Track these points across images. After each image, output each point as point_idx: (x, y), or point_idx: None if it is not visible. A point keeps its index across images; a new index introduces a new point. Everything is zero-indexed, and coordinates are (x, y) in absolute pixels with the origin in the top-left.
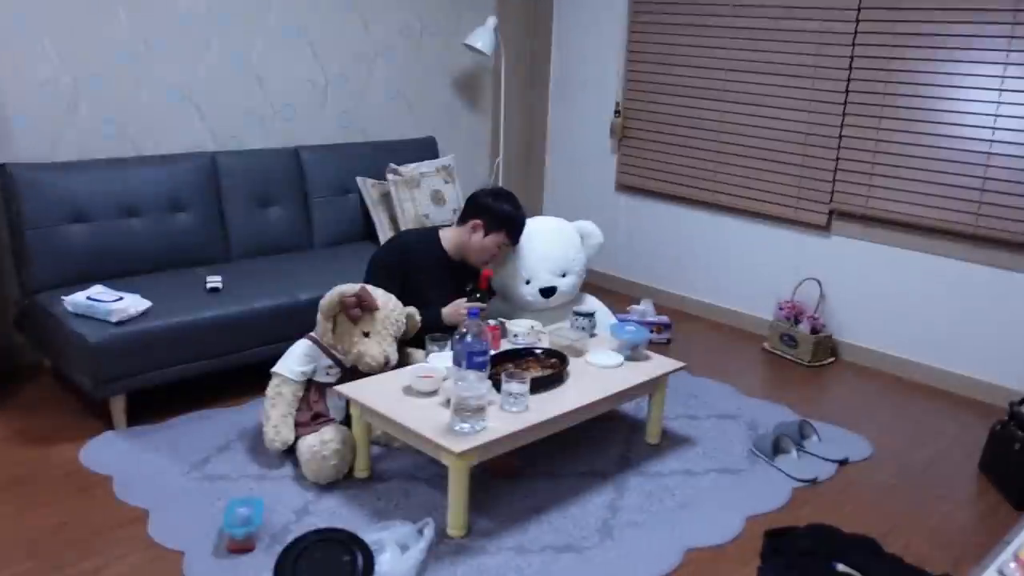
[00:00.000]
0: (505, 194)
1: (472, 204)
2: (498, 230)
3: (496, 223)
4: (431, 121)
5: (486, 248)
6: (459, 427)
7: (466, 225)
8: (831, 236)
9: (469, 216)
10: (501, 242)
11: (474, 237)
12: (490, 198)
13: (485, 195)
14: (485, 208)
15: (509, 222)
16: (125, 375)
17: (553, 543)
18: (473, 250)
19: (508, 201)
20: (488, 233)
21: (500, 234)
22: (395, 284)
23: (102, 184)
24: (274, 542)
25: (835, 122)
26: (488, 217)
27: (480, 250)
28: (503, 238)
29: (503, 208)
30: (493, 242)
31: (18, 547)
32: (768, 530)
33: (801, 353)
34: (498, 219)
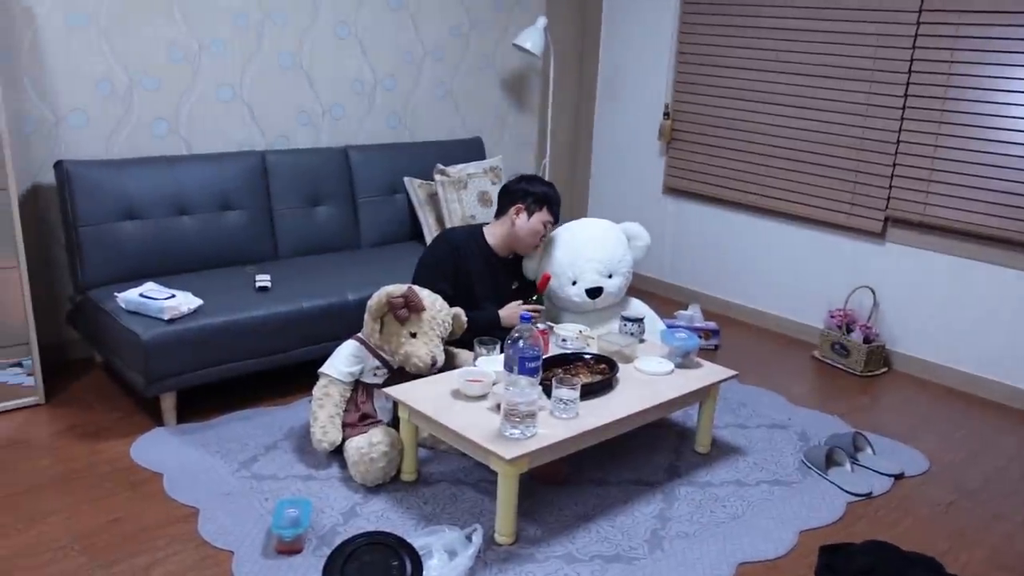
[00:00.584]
0: (533, 177)
1: (506, 193)
2: (540, 207)
3: (536, 201)
4: (478, 121)
5: (533, 230)
6: (509, 433)
7: (507, 215)
8: (886, 243)
9: (507, 205)
10: (545, 219)
11: (518, 222)
12: (523, 183)
13: (516, 182)
14: (521, 192)
15: (548, 198)
16: (176, 373)
17: (602, 552)
18: (521, 236)
19: (540, 182)
20: (531, 214)
21: (543, 211)
22: (447, 283)
23: (154, 182)
24: (322, 544)
25: (893, 126)
26: (527, 199)
27: (529, 233)
28: (546, 215)
29: (538, 187)
30: (538, 220)
31: (72, 542)
32: (823, 545)
33: (852, 363)
34: (536, 197)
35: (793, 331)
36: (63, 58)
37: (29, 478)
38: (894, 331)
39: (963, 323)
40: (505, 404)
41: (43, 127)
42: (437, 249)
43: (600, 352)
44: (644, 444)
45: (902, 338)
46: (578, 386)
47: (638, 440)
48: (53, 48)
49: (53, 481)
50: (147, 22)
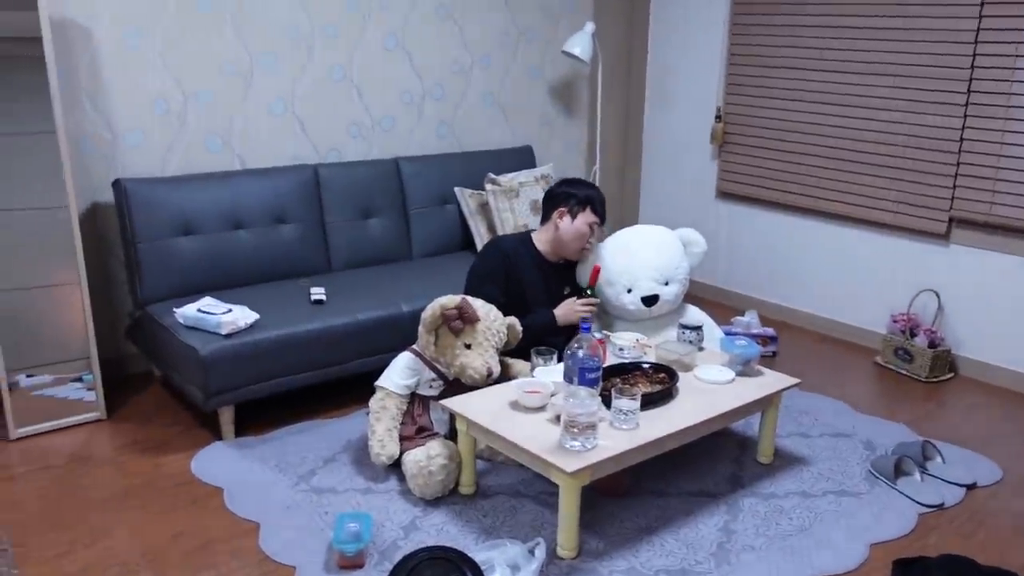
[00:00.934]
0: (575, 178)
1: (549, 198)
2: (583, 208)
3: (579, 202)
4: (527, 129)
5: (579, 232)
6: (570, 444)
7: (551, 219)
8: (950, 245)
9: (550, 210)
10: (590, 220)
11: (563, 225)
12: (564, 186)
13: (557, 186)
14: (563, 195)
15: (591, 199)
16: (234, 387)
17: (667, 567)
18: (568, 239)
19: (582, 183)
20: (575, 216)
21: (586, 211)
22: (500, 290)
23: (210, 197)
24: (383, 559)
25: (956, 124)
26: (569, 201)
27: (575, 236)
28: (590, 215)
29: (579, 188)
30: (583, 222)
31: (137, 557)
32: (897, 559)
33: (917, 368)
34: (579, 199)
35: (854, 337)
36: (120, 77)
37: (93, 493)
38: (960, 335)
39: None
40: (565, 415)
41: (101, 146)
42: (487, 256)
43: (659, 361)
44: (705, 454)
45: (968, 342)
46: (638, 396)
47: (698, 450)
48: (110, 67)
49: (116, 496)
50: (201, 39)
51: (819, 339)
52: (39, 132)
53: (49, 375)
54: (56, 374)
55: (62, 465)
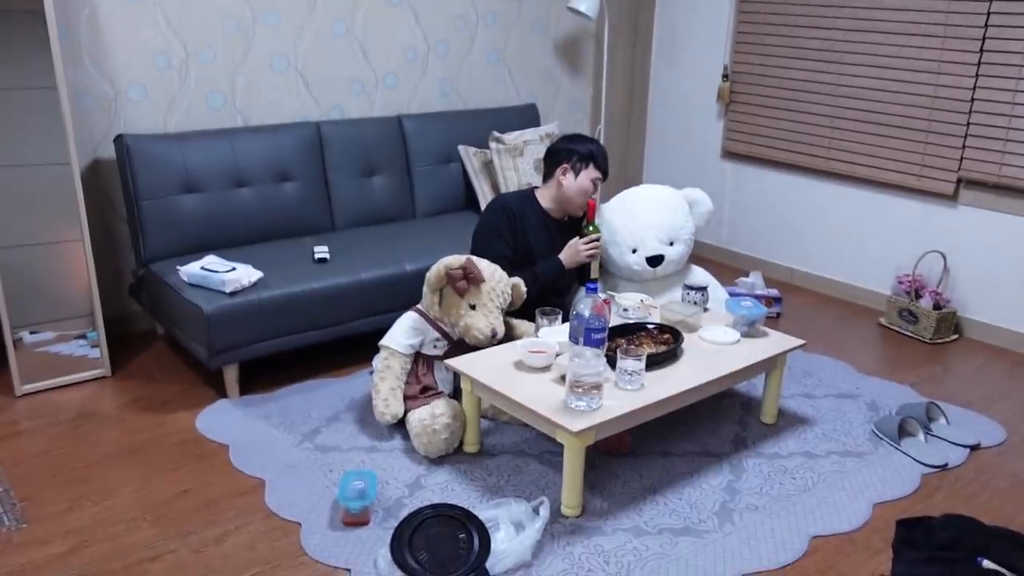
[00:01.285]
0: (575, 135)
1: (550, 155)
2: (586, 164)
3: (581, 158)
4: (531, 87)
5: (582, 188)
6: (575, 405)
7: (554, 177)
8: (958, 206)
9: (553, 167)
10: (593, 176)
11: (566, 181)
12: (565, 142)
13: (558, 142)
14: (565, 151)
15: (593, 154)
16: (238, 345)
17: (670, 525)
18: (571, 195)
19: (583, 139)
20: (578, 172)
21: (589, 167)
22: (508, 247)
23: (213, 155)
24: (388, 516)
25: (967, 83)
26: (572, 157)
27: (578, 192)
28: (593, 171)
29: (581, 144)
30: (586, 177)
31: (144, 513)
32: (901, 519)
33: (921, 330)
34: (581, 155)
35: (858, 298)
36: (120, 32)
37: (99, 450)
38: (965, 297)
39: None
40: (571, 376)
41: (103, 102)
42: (492, 214)
43: (663, 322)
44: (708, 414)
45: (974, 304)
46: (644, 357)
47: (702, 410)
48: (110, 22)
49: (122, 453)
50: None
51: (823, 300)
52: (40, 87)
53: (53, 332)
54: (60, 331)
55: (68, 421)
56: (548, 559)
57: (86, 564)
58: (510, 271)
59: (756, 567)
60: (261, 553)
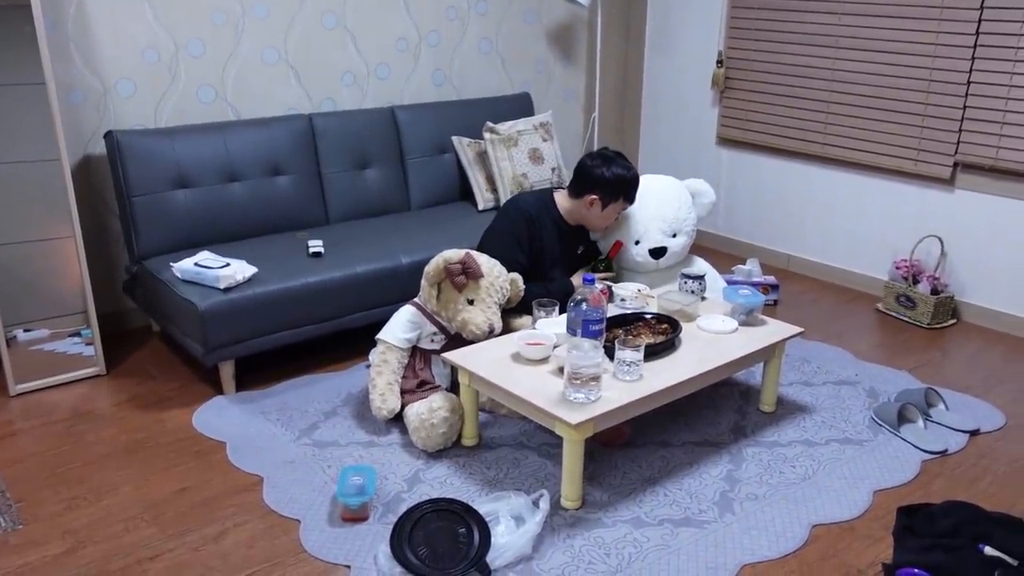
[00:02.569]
0: (613, 157)
1: (584, 176)
2: (615, 200)
3: (612, 194)
4: (524, 76)
5: (607, 218)
6: (574, 397)
7: (582, 200)
8: (955, 190)
9: (583, 191)
10: (620, 208)
11: (592, 211)
12: (602, 168)
13: (595, 165)
14: (598, 181)
15: (625, 187)
16: (233, 341)
17: (670, 516)
18: (593, 221)
19: (618, 165)
20: (606, 206)
21: (618, 202)
22: (524, 254)
23: (204, 149)
24: (387, 511)
25: (963, 67)
26: (603, 189)
27: (600, 220)
28: (621, 204)
29: (615, 174)
30: (612, 211)
31: (142, 511)
32: (902, 506)
33: (919, 315)
34: (613, 189)
35: (856, 284)
36: (108, 27)
37: (96, 449)
38: (963, 281)
39: None
40: (569, 368)
41: (92, 97)
42: (514, 220)
43: (661, 311)
44: (707, 404)
45: (971, 288)
46: (642, 347)
47: (701, 400)
48: (98, 17)
49: (119, 451)
50: None
51: (821, 287)
52: (28, 84)
53: (47, 330)
54: (54, 328)
55: (63, 421)
56: (549, 552)
57: (84, 565)
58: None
59: (757, 557)
60: (260, 551)
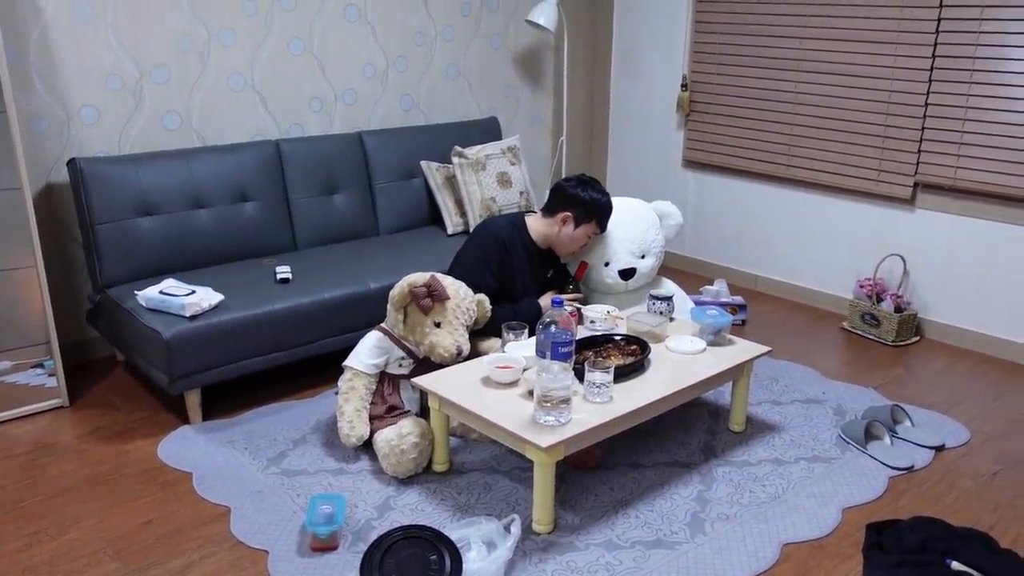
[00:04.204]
0: (590, 181)
1: (559, 195)
2: (588, 220)
3: (586, 213)
4: (492, 101)
5: (576, 239)
6: (544, 420)
7: (555, 217)
8: (916, 210)
9: (557, 208)
10: (591, 232)
11: (564, 230)
12: (578, 188)
13: (572, 186)
14: (573, 199)
15: (599, 211)
16: (199, 370)
17: (643, 538)
18: (563, 243)
19: (595, 189)
20: (579, 225)
21: (591, 224)
22: (494, 277)
23: (169, 176)
24: (357, 539)
25: (921, 89)
26: (578, 209)
27: (570, 241)
28: (593, 228)
29: (592, 197)
30: (584, 233)
31: (105, 546)
32: (870, 523)
33: (884, 332)
34: (588, 209)
35: (821, 303)
36: (72, 54)
37: (58, 482)
38: (925, 299)
39: (997, 288)
40: (539, 391)
41: (55, 124)
42: (485, 244)
43: (630, 332)
44: (677, 424)
45: (934, 306)
46: (612, 369)
47: (670, 420)
48: (61, 44)
49: (82, 484)
50: (155, 12)
51: (788, 306)
52: None
53: (8, 361)
54: (15, 360)
55: (25, 454)
56: None
57: None
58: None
59: None
60: None
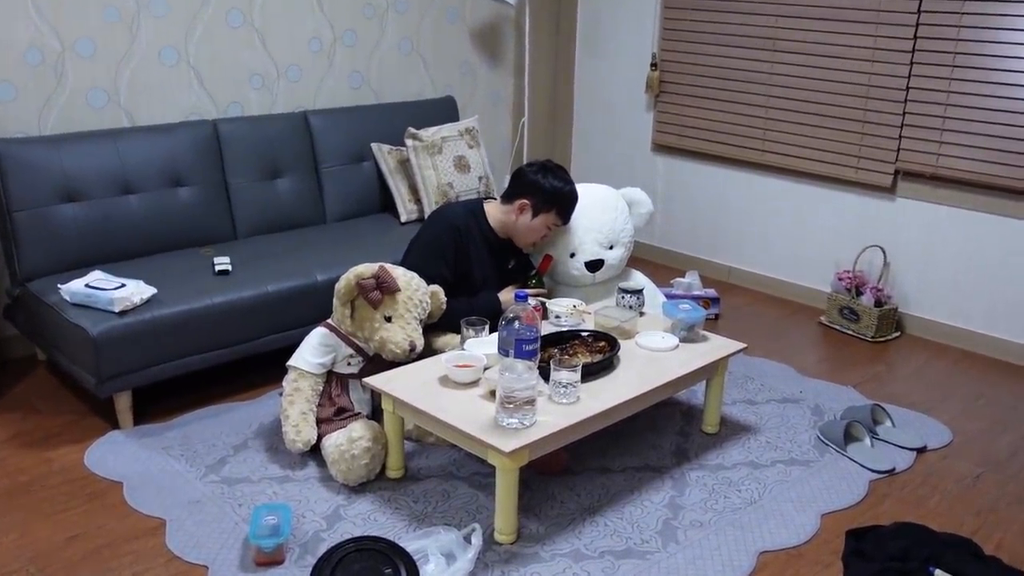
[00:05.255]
0: (554, 168)
1: (518, 181)
2: (548, 209)
3: (546, 202)
4: (448, 79)
5: (534, 229)
6: (507, 422)
7: (512, 205)
8: (896, 199)
9: (515, 195)
10: (552, 222)
11: (521, 218)
12: (539, 174)
13: (533, 171)
14: (533, 186)
15: (560, 200)
16: (130, 370)
17: (612, 547)
18: (520, 232)
19: (558, 176)
20: (537, 214)
21: (550, 214)
22: (449, 268)
23: (95, 159)
24: (305, 552)
25: (902, 72)
26: (536, 196)
27: (527, 231)
28: (553, 218)
29: (552, 185)
30: (542, 223)
31: (27, 564)
32: (850, 529)
33: (863, 328)
34: (547, 198)
35: (798, 296)
36: None
37: None
38: (906, 292)
39: (978, 280)
40: (501, 391)
41: None
42: (439, 232)
43: (598, 328)
44: (648, 426)
45: (915, 299)
46: (579, 367)
47: (641, 422)
48: None
49: (0, 497)
50: None
51: (763, 299)
52: None
53: None
54: None
55: None
56: None
57: None
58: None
59: None
60: None
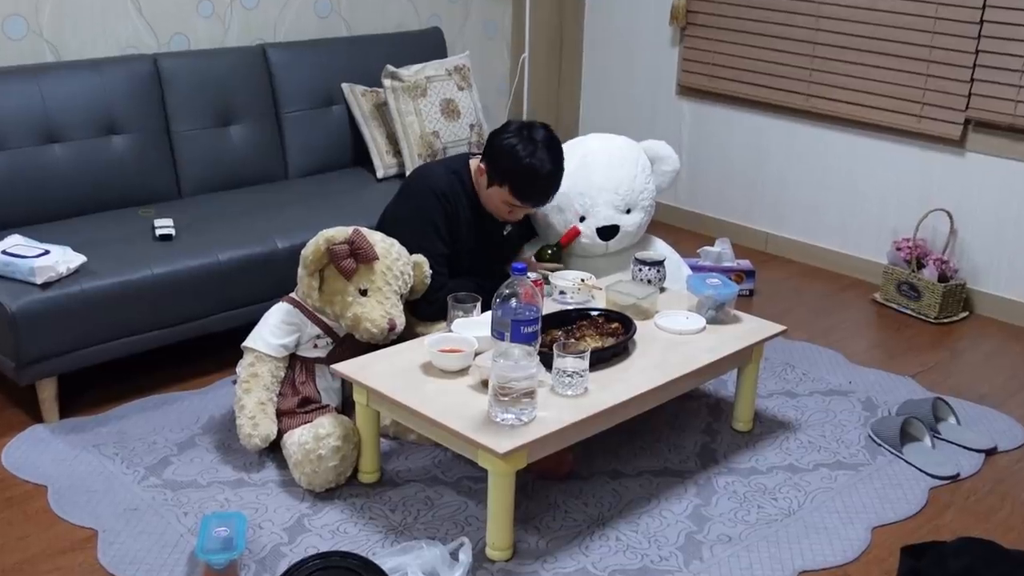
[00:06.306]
0: (542, 141)
1: (490, 139)
2: (501, 183)
3: (500, 173)
4: (434, 7)
5: (491, 200)
6: (501, 418)
7: (478, 162)
8: (966, 153)
9: (482, 154)
10: (505, 199)
11: (481, 182)
12: (510, 136)
13: (507, 131)
14: (494, 148)
15: (515, 176)
16: (56, 352)
17: (625, 566)
18: (484, 200)
19: (530, 143)
20: (491, 183)
21: (503, 188)
22: (445, 243)
23: (12, 100)
24: (263, 570)
25: (975, 3)
26: (494, 163)
27: (486, 200)
28: (507, 194)
29: (515, 152)
30: (497, 196)
31: None
32: (906, 546)
33: (925, 307)
34: (504, 168)
35: (849, 269)
36: None
37: None
38: (976, 265)
39: None
40: (495, 381)
41: None
42: (425, 201)
43: (610, 307)
44: (669, 422)
45: (986, 274)
46: (587, 353)
47: (661, 417)
48: None
49: None
50: None
51: (806, 273)
52: None
53: None
54: None
55: None
56: None
57: None
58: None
59: None
60: None
